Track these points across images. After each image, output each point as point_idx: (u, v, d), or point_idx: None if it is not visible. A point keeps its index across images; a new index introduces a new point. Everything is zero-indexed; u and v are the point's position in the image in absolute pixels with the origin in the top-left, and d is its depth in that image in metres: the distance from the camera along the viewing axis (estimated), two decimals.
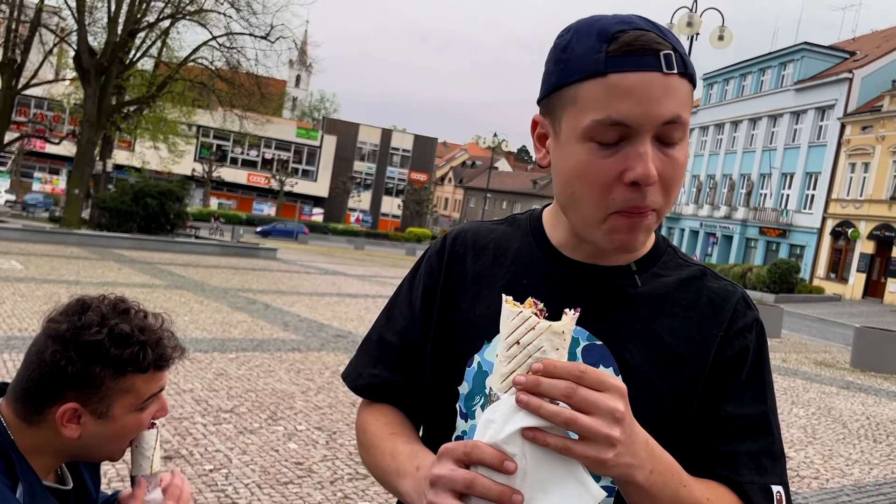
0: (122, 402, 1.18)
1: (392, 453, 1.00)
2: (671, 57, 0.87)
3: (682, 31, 18.14)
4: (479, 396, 1.01)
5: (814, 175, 39.28)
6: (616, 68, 0.86)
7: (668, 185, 0.90)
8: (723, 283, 1.05)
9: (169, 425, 5.29)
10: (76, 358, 1.13)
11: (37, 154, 48.93)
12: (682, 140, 0.90)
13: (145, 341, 1.18)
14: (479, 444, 0.78)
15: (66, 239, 20.41)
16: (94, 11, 24.48)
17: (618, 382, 0.79)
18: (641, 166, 0.87)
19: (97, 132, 24.34)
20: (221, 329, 9.51)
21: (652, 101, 0.86)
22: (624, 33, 0.87)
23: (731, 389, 0.98)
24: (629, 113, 0.86)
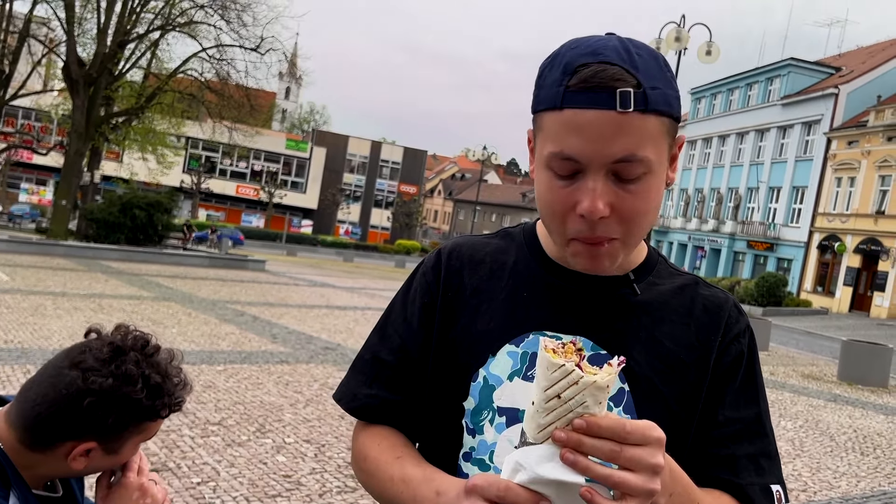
0: (135, 440, 1.23)
1: (403, 479, 0.97)
2: (628, 95, 0.86)
3: (670, 46, 18.30)
4: (486, 411, 1.00)
5: (801, 189, 39.61)
6: (571, 104, 0.88)
7: (625, 218, 0.91)
8: (714, 290, 1.07)
9: (156, 438, 5.24)
10: (115, 412, 1.15)
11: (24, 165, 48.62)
12: (646, 174, 0.90)
13: (169, 391, 1.22)
14: (513, 486, 0.78)
15: (53, 250, 20.27)
16: (84, 22, 24.46)
17: (659, 434, 0.79)
18: (588, 202, 0.88)
19: (85, 143, 24.25)
20: (209, 341, 9.45)
21: (602, 140, 0.87)
22: (586, 67, 0.87)
23: (728, 394, 1.01)
24: (579, 150, 0.88)
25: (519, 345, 1.00)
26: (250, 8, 25.29)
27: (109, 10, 23.74)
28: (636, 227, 0.92)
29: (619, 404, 0.98)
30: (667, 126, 0.90)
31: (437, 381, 1.05)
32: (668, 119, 0.90)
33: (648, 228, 0.96)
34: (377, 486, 1.03)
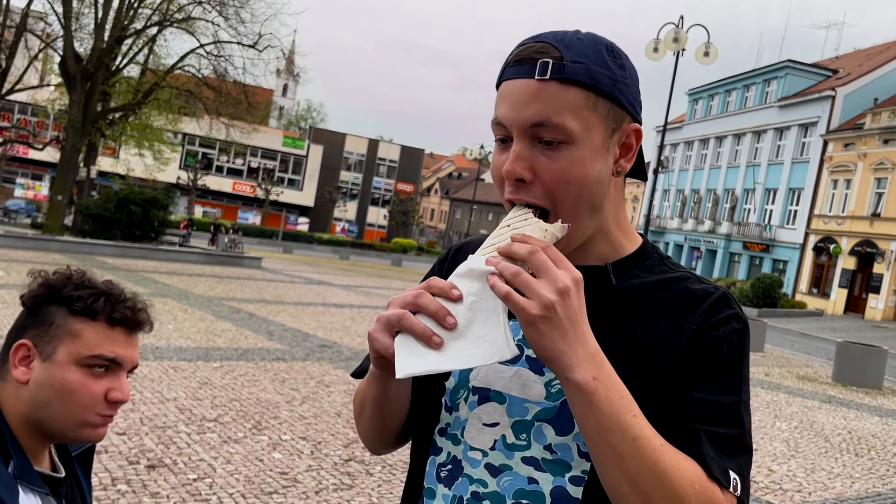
0: (69, 347, 1.16)
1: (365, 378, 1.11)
2: (546, 65, 0.93)
3: (668, 47, 18.33)
4: (462, 390, 1.05)
5: (797, 191, 39.70)
6: (506, 77, 0.98)
7: (548, 183, 0.96)
8: (706, 285, 1.05)
9: (153, 434, 5.24)
10: (41, 293, 1.19)
11: (20, 160, 48.50)
12: (567, 143, 0.95)
13: (103, 292, 1.20)
14: (437, 277, 0.92)
15: (49, 245, 20.21)
16: (81, 17, 24.42)
17: (576, 272, 0.87)
18: (508, 163, 0.96)
19: (82, 138, 24.19)
20: (206, 338, 9.44)
21: (519, 106, 0.95)
22: (521, 46, 0.97)
23: (703, 377, 0.97)
24: (503, 115, 0.97)
25: None
26: (248, 4, 25.28)
27: (107, 6, 23.68)
28: (562, 195, 0.96)
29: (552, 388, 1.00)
30: (592, 100, 0.95)
31: None
32: (594, 94, 0.95)
33: (578, 203, 0.97)
34: (357, 404, 1.15)
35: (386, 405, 1.07)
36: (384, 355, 0.92)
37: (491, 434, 1.01)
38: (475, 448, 1.01)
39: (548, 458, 0.98)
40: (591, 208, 0.99)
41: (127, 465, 4.58)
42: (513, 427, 1.00)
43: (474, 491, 1.00)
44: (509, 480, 0.99)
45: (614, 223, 1.05)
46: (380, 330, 0.92)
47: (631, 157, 1.02)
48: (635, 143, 1.01)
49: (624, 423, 0.87)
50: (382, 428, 1.12)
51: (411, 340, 0.89)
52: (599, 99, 0.95)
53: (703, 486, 0.90)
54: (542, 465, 0.98)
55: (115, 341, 1.19)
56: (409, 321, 0.88)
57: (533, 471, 0.98)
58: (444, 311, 0.88)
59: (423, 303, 0.89)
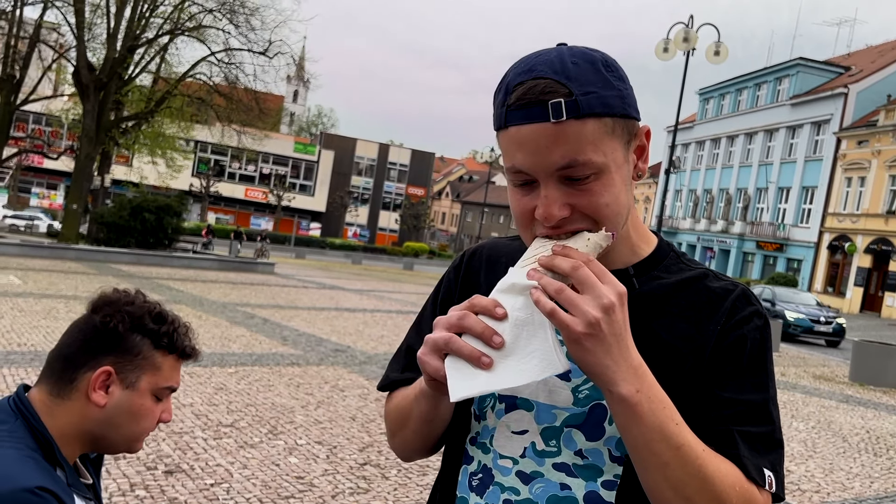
0: (150, 378, 1.26)
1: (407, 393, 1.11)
2: (559, 105, 0.90)
3: (678, 47, 18.27)
4: (489, 398, 1.05)
5: (810, 189, 39.44)
6: (512, 122, 0.93)
7: (587, 213, 0.95)
8: (724, 282, 1.06)
9: (169, 440, 5.27)
10: (126, 319, 1.24)
11: (35, 169, 48.96)
12: (596, 174, 0.93)
13: (178, 327, 1.30)
14: (479, 295, 0.91)
15: (65, 254, 20.39)
16: (94, 27, 24.61)
17: (620, 285, 0.87)
18: (542, 209, 0.94)
19: (95, 147, 24.39)
20: (220, 343, 9.49)
21: (540, 152, 0.92)
22: (521, 86, 0.92)
23: (730, 376, 0.99)
24: (523, 163, 0.94)
25: None
26: (258, 12, 25.43)
27: (119, 15, 23.89)
28: (600, 218, 0.95)
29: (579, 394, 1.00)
30: (609, 126, 0.94)
31: None
32: (610, 119, 0.93)
33: (618, 218, 0.97)
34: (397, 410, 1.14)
35: (435, 421, 1.07)
36: (436, 378, 0.92)
37: (520, 441, 1.01)
38: (505, 456, 1.02)
39: (579, 463, 0.99)
40: (625, 220, 1.00)
41: (145, 471, 4.62)
42: (542, 434, 1.00)
43: (506, 499, 1.01)
44: (541, 487, 0.99)
45: (631, 226, 1.06)
46: (428, 353, 0.92)
47: (645, 157, 1.03)
48: (647, 143, 1.02)
49: (667, 432, 0.88)
50: (426, 442, 1.12)
51: (461, 362, 0.88)
52: (615, 121, 0.94)
53: (743, 488, 0.93)
54: (574, 470, 0.99)
55: (177, 372, 1.31)
56: (455, 344, 0.88)
57: (565, 477, 0.99)
58: (491, 330, 0.87)
59: (468, 324, 0.88)
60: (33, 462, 1.11)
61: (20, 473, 1.07)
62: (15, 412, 1.20)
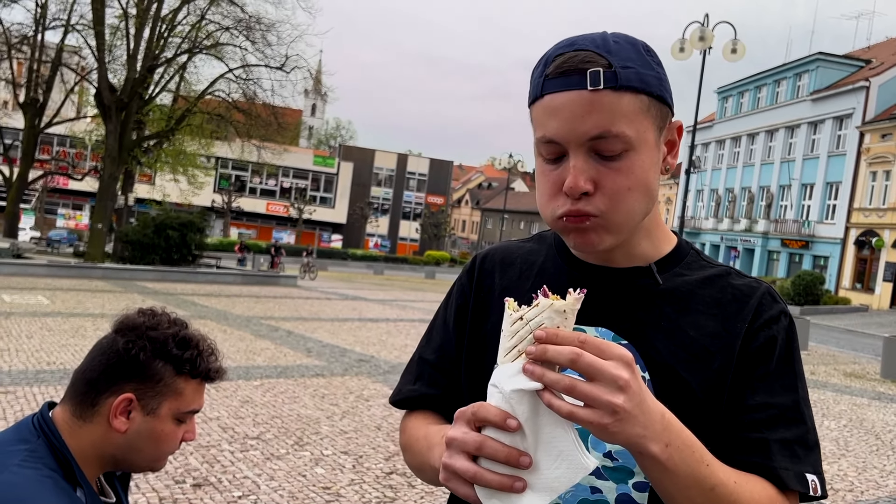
0: (171, 403, 1.25)
1: (426, 436, 1.06)
2: (598, 74, 0.90)
3: (694, 46, 18.16)
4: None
5: (834, 185, 38.92)
6: (549, 90, 0.93)
7: (611, 193, 0.93)
8: (748, 280, 1.06)
9: (196, 453, 5.32)
10: (148, 346, 1.23)
11: (60, 191, 49.77)
12: (627, 150, 0.93)
13: (202, 350, 1.29)
14: (485, 404, 0.82)
15: (91, 273, 20.67)
16: (114, 49, 25.02)
17: (622, 351, 0.80)
18: (570, 178, 0.92)
19: (118, 167, 24.73)
20: (245, 357, 9.56)
21: (575, 119, 0.91)
22: (560, 56, 0.93)
23: (760, 379, 0.98)
24: (557, 131, 0.93)
25: None
26: (274, 28, 25.68)
27: (138, 36, 24.24)
28: (621, 203, 0.94)
29: None
30: (645, 104, 0.93)
31: (470, 374, 1.11)
32: (647, 97, 0.93)
33: (640, 207, 0.96)
34: (410, 452, 1.11)
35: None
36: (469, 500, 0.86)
37: None
38: None
39: (609, 465, 0.98)
40: (645, 211, 0.99)
41: (174, 485, 4.66)
42: None
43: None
44: (571, 492, 0.98)
45: (654, 222, 1.06)
46: (453, 479, 0.85)
47: (675, 153, 1.02)
48: (678, 138, 1.02)
49: (700, 476, 0.87)
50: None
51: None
52: (651, 101, 0.94)
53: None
54: (604, 472, 0.98)
55: (201, 394, 1.31)
56: (484, 478, 0.81)
57: (595, 480, 0.98)
58: (515, 453, 0.81)
59: (489, 452, 0.81)
60: (52, 483, 1.12)
61: (36, 495, 1.08)
62: (37, 431, 1.21)
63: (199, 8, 25.54)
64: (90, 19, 24.18)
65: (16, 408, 6.13)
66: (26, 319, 11.24)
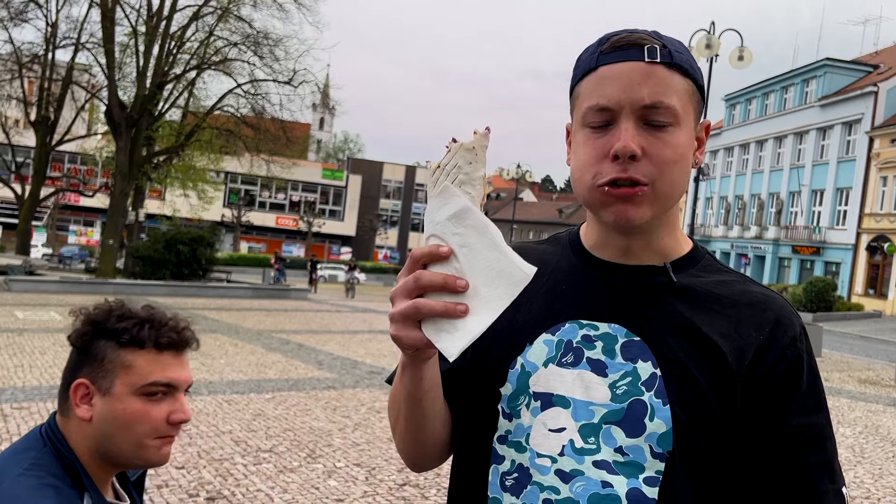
0: (124, 379, 1.20)
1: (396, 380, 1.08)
2: (655, 49, 0.97)
3: (701, 54, 18.16)
4: (523, 396, 1.03)
5: (845, 190, 38.72)
6: (605, 62, 0.99)
7: (657, 161, 0.97)
8: (763, 289, 1.07)
9: (210, 466, 5.33)
10: (89, 327, 1.22)
11: (71, 207, 50.14)
12: (673, 125, 0.98)
13: (146, 319, 1.22)
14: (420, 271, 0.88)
15: (103, 289, 20.77)
16: (124, 67, 25.26)
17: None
18: (621, 141, 0.96)
19: (129, 183, 24.91)
20: (257, 370, 9.58)
21: (632, 85, 0.96)
22: (617, 35, 1.00)
23: (794, 401, 1.00)
24: (611, 96, 0.97)
25: (555, 333, 1.04)
26: (282, 43, 25.88)
27: (147, 54, 24.47)
28: (666, 173, 0.97)
29: (650, 388, 0.97)
30: (692, 88, 1.00)
31: (476, 368, 1.08)
32: (692, 83, 1.00)
33: (680, 184, 1.00)
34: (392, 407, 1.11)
35: (424, 400, 1.02)
36: (420, 346, 0.90)
37: (558, 439, 0.99)
38: (543, 455, 1.00)
39: (620, 460, 0.97)
40: (680, 193, 1.02)
41: (188, 499, 4.66)
42: (580, 431, 0.99)
43: (546, 498, 0.98)
44: (582, 486, 0.97)
45: (675, 218, 1.08)
46: (400, 327, 0.89)
47: (703, 150, 1.06)
48: (705, 137, 1.06)
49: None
50: (420, 431, 1.08)
51: (438, 321, 0.87)
52: (695, 89, 1.01)
53: None
54: (615, 467, 0.97)
55: (166, 366, 1.22)
56: (426, 307, 0.86)
57: (606, 474, 0.97)
58: (451, 277, 0.86)
59: (425, 282, 0.87)
60: (53, 491, 1.11)
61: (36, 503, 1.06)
62: (44, 439, 1.20)
63: (208, 24, 25.80)
64: (100, 37, 24.45)
65: (30, 423, 6.16)
66: (39, 336, 11.31)
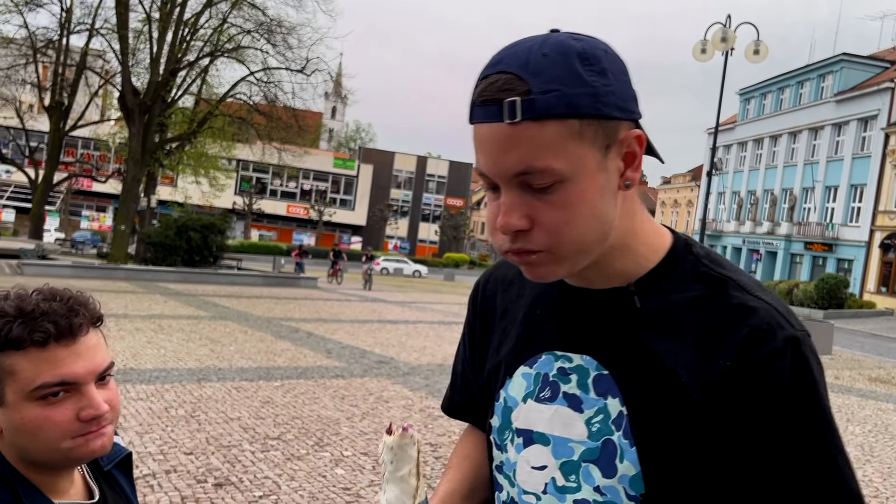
0: (12, 386, 1.03)
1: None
2: (514, 105, 0.80)
3: (716, 47, 18.03)
4: (507, 431, 1.02)
5: (859, 187, 38.43)
6: (474, 119, 0.86)
7: (549, 228, 0.85)
8: (747, 297, 0.90)
9: (218, 453, 5.36)
10: None
11: (84, 193, 50.45)
12: (561, 181, 0.83)
13: (16, 315, 1.03)
14: None
15: (114, 274, 20.92)
16: (137, 53, 25.35)
17: None
18: (501, 216, 0.85)
19: (141, 169, 25.02)
20: (266, 358, 9.61)
21: (496, 155, 0.83)
22: (484, 80, 0.84)
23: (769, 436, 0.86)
24: (483, 165, 0.86)
25: (532, 366, 1.01)
26: (295, 31, 25.89)
27: (161, 40, 24.52)
28: (562, 237, 0.85)
29: (619, 428, 0.91)
30: (575, 129, 0.82)
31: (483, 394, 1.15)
32: (576, 120, 0.82)
33: (590, 236, 0.87)
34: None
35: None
36: None
37: (541, 477, 0.97)
38: (528, 492, 0.99)
39: (598, 499, 0.93)
40: (600, 236, 0.88)
41: (195, 484, 4.69)
42: (561, 468, 0.95)
43: None
44: None
45: (632, 236, 0.93)
46: None
47: (637, 165, 0.89)
48: (639, 149, 0.88)
49: None
50: None
51: None
52: (583, 123, 0.82)
53: None
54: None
55: (55, 362, 1.03)
56: None
57: None
58: None
59: None
60: None
61: None
62: None
63: (221, 12, 25.81)
64: (114, 23, 24.51)
65: None
66: None
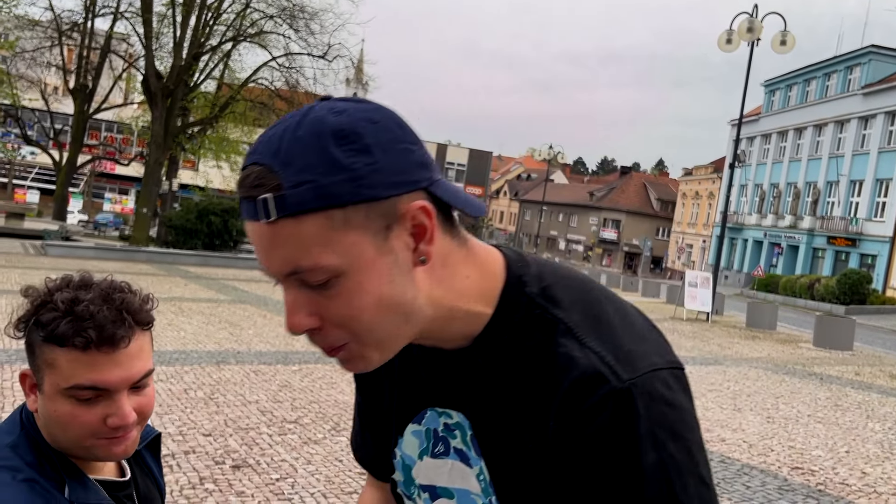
0: (50, 377, 1.05)
1: None
2: (266, 203, 0.73)
3: (742, 37, 17.81)
4: (412, 486, 0.98)
5: (885, 182, 37.88)
6: (240, 215, 0.79)
7: (339, 323, 0.78)
8: (572, 345, 0.81)
9: (236, 435, 5.41)
10: (26, 314, 1.08)
11: (107, 175, 50.91)
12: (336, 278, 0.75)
13: (66, 312, 1.04)
14: None
15: (136, 256, 21.13)
16: (161, 37, 25.47)
17: None
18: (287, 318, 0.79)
19: (164, 153, 25.20)
20: (284, 342, 9.69)
21: (264, 254, 0.77)
22: (243, 171, 0.77)
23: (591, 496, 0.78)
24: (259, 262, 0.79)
25: (420, 422, 0.96)
26: (317, 16, 25.87)
27: (185, 24, 24.62)
28: (355, 330, 0.78)
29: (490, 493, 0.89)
30: (339, 219, 0.73)
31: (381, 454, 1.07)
32: (339, 210, 0.73)
33: (384, 326, 0.79)
34: None
35: None
36: None
37: None
38: None
39: None
40: (401, 319, 0.79)
41: (214, 465, 4.75)
42: None
43: None
44: None
45: (456, 299, 0.83)
46: None
47: (429, 237, 0.79)
48: (427, 220, 0.78)
49: None
50: None
51: None
52: (347, 211, 0.73)
53: None
54: None
55: (92, 367, 1.03)
56: None
57: None
58: None
59: None
60: (27, 486, 1.01)
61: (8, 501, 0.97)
62: (22, 423, 1.10)
63: None
64: (138, 7, 24.66)
65: None
66: None
